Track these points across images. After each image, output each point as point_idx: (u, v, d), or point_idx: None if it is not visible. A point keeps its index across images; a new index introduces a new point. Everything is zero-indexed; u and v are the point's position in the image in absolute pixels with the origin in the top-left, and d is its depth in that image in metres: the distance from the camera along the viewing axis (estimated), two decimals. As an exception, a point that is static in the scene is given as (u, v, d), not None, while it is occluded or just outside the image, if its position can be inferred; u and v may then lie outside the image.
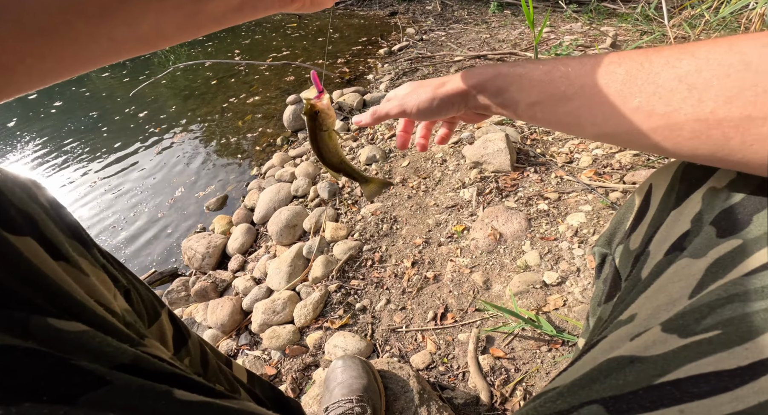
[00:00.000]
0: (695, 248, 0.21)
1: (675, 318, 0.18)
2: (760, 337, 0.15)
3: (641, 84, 0.22)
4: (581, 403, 0.18)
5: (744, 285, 0.17)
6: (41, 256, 0.23)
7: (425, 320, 0.76)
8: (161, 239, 1.39)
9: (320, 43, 3.39)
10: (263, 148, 1.77)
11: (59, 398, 0.18)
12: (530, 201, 1.01)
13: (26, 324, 0.19)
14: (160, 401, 0.21)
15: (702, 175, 0.25)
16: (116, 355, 0.22)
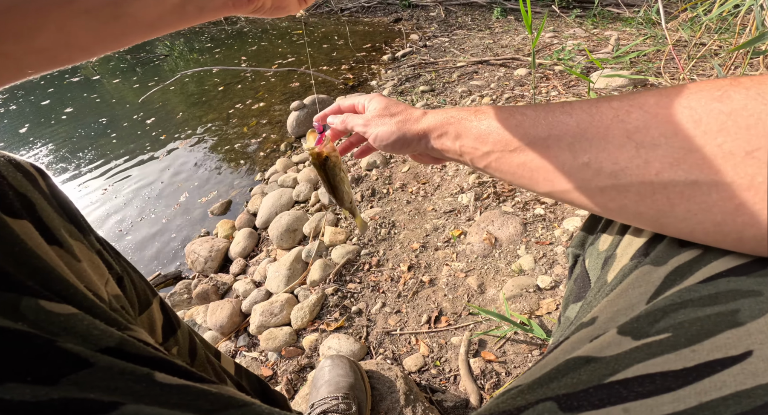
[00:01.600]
0: (657, 255, 0.22)
1: (631, 321, 0.19)
2: (707, 340, 0.16)
3: (591, 138, 0.21)
4: (537, 400, 0.19)
5: (698, 292, 0.18)
6: (36, 239, 0.24)
7: (419, 324, 0.78)
8: (166, 243, 1.45)
9: (325, 49, 3.49)
10: (267, 154, 1.83)
11: (42, 379, 0.19)
12: (527, 206, 1.03)
13: (17, 305, 0.20)
14: (140, 383, 0.21)
15: None
16: (102, 338, 0.22)
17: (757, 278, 0.17)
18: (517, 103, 1.59)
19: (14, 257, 0.22)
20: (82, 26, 0.18)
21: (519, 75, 1.91)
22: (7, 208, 0.23)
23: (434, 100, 1.82)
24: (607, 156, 0.21)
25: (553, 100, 1.55)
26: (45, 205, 0.27)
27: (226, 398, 0.24)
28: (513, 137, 0.25)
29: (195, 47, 5.41)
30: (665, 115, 0.19)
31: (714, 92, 0.18)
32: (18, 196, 0.25)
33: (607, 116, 0.21)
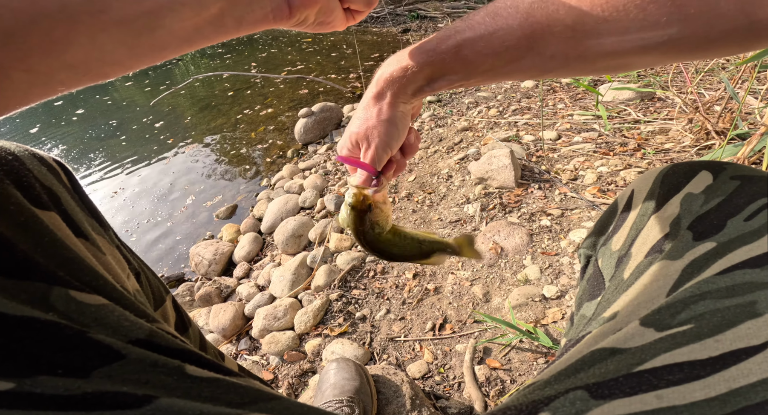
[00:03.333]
0: (673, 250, 0.24)
1: (652, 314, 0.21)
2: (730, 330, 0.17)
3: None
4: (567, 389, 0.20)
5: (716, 283, 0.20)
6: (64, 230, 0.24)
7: (424, 331, 0.80)
8: (171, 245, 1.48)
9: (334, 57, 3.59)
10: (273, 160, 1.88)
11: (74, 371, 0.18)
12: (533, 217, 1.05)
13: (47, 295, 0.20)
14: (171, 375, 0.21)
15: (680, 180, 0.28)
16: (132, 329, 0.22)
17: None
18: (524, 115, 1.63)
19: (43, 247, 0.22)
20: (115, 39, 0.17)
21: (526, 87, 1.97)
22: (35, 200, 0.24)
23: (441, 111, 1.87)
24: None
25: (560, 112, 1.59)
26: (68, 198, 0.27)
27: (255, 392, 0.24)
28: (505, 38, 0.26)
29: (206, 52, 5.59)
30: None
31: None
32: (44, 189, 0.25)
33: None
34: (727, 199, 0.24)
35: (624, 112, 1.48)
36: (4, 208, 0.22)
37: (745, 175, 0.25)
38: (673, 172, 0.29)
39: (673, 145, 1.21)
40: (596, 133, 1.38)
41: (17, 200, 0.22)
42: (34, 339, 0.18)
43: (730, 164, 0.27)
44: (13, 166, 0.25)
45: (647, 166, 1.14)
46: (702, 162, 0.28)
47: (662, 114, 1.41)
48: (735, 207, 0.23)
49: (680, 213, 0.26)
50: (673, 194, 0.27)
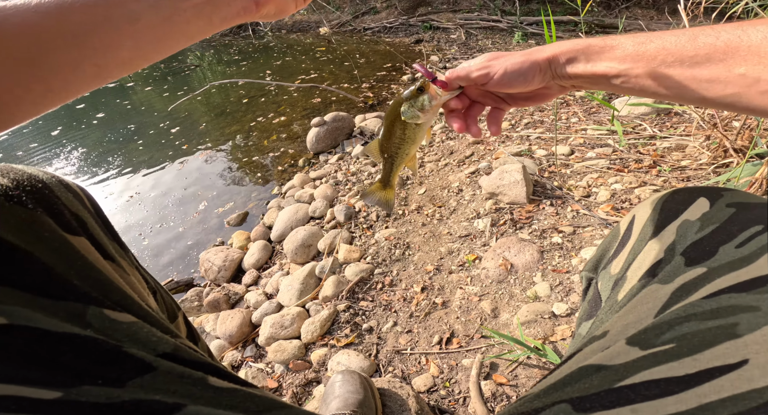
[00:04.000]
0: (665, 274, 0.26)
1: (638, 333, 0.23)
2: (708, 350, 0.19)
3: (744, 54, 0.25)
4: (553, 402, 0.22)
5: (701, 306, 0.21)
6: (94, 254, 0.27)
7: (430, 344, 0.81)
8: (181, 250, 1.53)
9: (346, 67, 3.69)
10: (285, 169, 1.94)
11: (111, 381, 0.21)
12: (544, 234, 1.06)
13: (84, 314, 0.23)
14: (196, 386, 0.24)
15: (678, 208, 0.30)
16: (160, 344, 0.25)
17: (756, 295, 0.20)
18: (536, 129, 1.65)
19: (77, 270, 0.25)
20: (148, 39, 0.25)
21: (540, 101, 1.99)
22: (66, 226, 0.26)
23: (453, 123, 1.91)
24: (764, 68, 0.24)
25: (573, 126, 1.61)
26: (93, 223, 0.30)
27: (269, 401, 0.27)
28: (656, 58, 0.29)
29: (223, 59, 5.81)
30: None
31: None
32: (72, 215, 0.28)
33: (756, 36, 0.25)
34: (721, 227, 0.26)
35: (639, 127, 1.49)
36: (39, 235, 0.24)
37: (741, 202, 0.27)
38: (672, 199, 0.31)
39: (689, 162, 1.21)
40: (610, 148, 1.39)
41: (51, 227, 0.25)
42: (75, 353, 0.21)
43: (728, 191, 0.29)
44: (44, 194, 0.27)
45: (663, 184, 1.15)
46: (700, 188, 0.30)
47: (679, 130, 1.41)
48: (728, 234, 0.25)
49: (675, 239, 0.28)
50: (671, 221, 0.29)
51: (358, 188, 1.55)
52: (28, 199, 0.25)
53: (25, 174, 0.27)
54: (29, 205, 0.25)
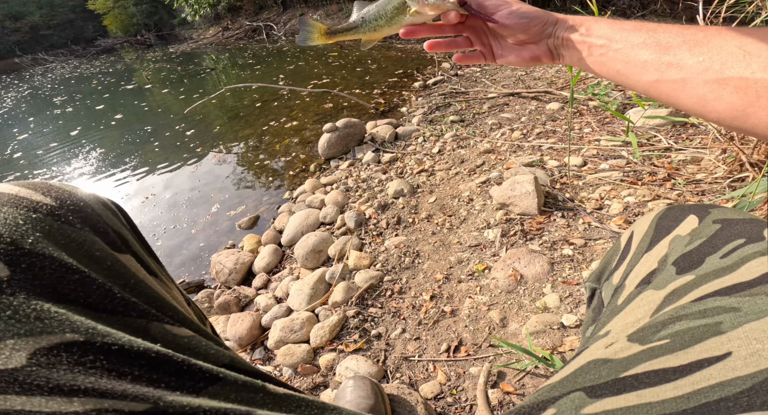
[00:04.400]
0: (658, 281, 0.30)
1: (637, 332, 0.26)
2: (698, 344, 0.22)
3: (710, 46, 0.29)
4: (569, 391, 0.25)
5: (690, 308, 0.25)
6: (141, 271, 0.28)
7: (438, 352, 0.83)
8: (194, 251, 1.59)
9: (358, 73, 3.76)
10: (296, 173, 1.99)
11: (188, 391, 0.23)
12: (555, 245, 1.08)
13: (148, 330, 0.24)
14: (258, 393, 0.26)
15: (670, 224, 0.33)
16: (218, 356, 0.27)
17: (738, 297, 0.24)
18: (549, 139, 1.67)
19: (131, 287, 0.26)
20: None
21: (551, 109, 2.00)
22: (113, 244, 0.27)
23: (464, 132, 1.93)
24: (719, 58, 0.28)
25: (586, 137, 1.62)
26: (133, 240, 0.31)
27: (320, 404, 0.29)
28: (641, 39, 0.32)
29: (238, 63, 5.99)
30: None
31: None
32: (115, 233, 0.28)
33: (729, 35, 0.28)
34: (707, 241, 0.29)
35: (654, 138, 1.49)
36: (92, 254, 0.25)
37: (726, 218, 0.31)
38: (666, 216, 0.35)
39: (705, 175, 1.21)
40: (624, 160, 1.40)
41: (100, 246, 0.26)
42: (150, 366, 0.22)
43: (715, 208, 0.32)
44: (87, 213, 0.27)
45: (677, 198, 1.15)
46: (691, 206, 0.34)
47: (695, 142, 1.41)
48: (713, 247, 0.29)
49: (668, 252, 0.31)
50: (664, 236, 0.33)
51: (368, 195, 1.58)
52: (75, 219, 0.26)
53: (66, 192, 0.28)
54: (77, 225, 0.26)
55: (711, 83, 0.28)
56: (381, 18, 0.44)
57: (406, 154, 1.85)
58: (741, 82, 0.27)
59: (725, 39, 0.28)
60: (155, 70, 6.53)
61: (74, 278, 0.23)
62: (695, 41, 0.29)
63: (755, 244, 0.27)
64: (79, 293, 0.23)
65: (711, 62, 0.28)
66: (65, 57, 14.70)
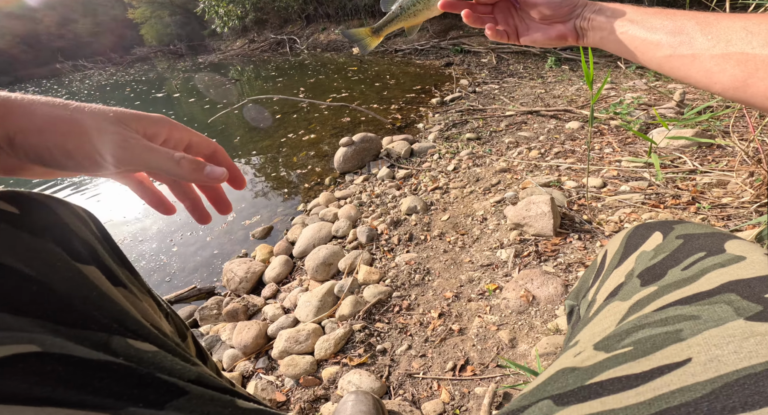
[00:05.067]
0: (624, 293, 0.32)
1: (602, 340, 0.28)
2: (659, 351, 0.24)
3: (718, 27, 0.34)
4: (537, 400, 0.27)
5: (653, 317, 0.26)
6: (105, 283, 0.28)
7: (443, 370, 0.84)
8: (207, 258, 1.66)
9: (377, 87, 3.89)
10: (311, 186, 2.06)
11: (152, 404, 0.23)
12: (570, 268, 1.08)
13: (108, 344, 0.24)
14: (227, 408, 0.26)
15: (638, 241, 0.36)
16: (184, 372, 0.27)
17: (697, 306, 0.25)
18: (567, 159, 1.68)
19: (92, 300, 0.25)
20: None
21: (570, 128, 2.01)
22: (77, 255, 0.27)
23: (480, 149, 1.97)
24: (725, 36, 0.33)
25: (607, 157, 1.62)
26: (101, 249, 0.30)
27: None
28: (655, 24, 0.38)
29: (261, 74, 6.32)
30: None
31: None
32: (81, 242, 0.28)
33: (731, 18, 0.34)
34: (670, 255, 0.32)
35: (679, 160, 1.48)
36: (52, 264, 0.25)
37: (689, 233, 0.33)
38: (635, 234, 0.37)
39: (731, 199, 1.19)
40: (646, 182, 1.39)
41: (62, 256, 0.26)
42: (113, 378, 0.22)
43: (679, 224, 0.35)
44: (51, 222, 0.27)
45: (701, 222, 1.14)
46: (656, 223, 0.37)
47: (721, 164, 1.39)
48: (676, 260, 0.31)
49: (634, 267, 0.34)
50: (632, 252, 0.36)
51: (381, 211, 1.62)
52: (36, 228, 0.26)
53: (32, 201, 0.27)
54: (38, 234, 0.25)
55: (717, 58, 0.33)
56: (419, 2, 0.47)
57: (420, 170, 1.90)
58: (742, 57, 0.31)
59: (732, 20, 0.33)
60: (184, 79, 6.96)
61: (32, 289, 0.23)
62: (706, 22, 0.34)
63: (715, 256, 0.29)
64: (37, 304, 0.22)
65: (718, 40, 0.33)
66: (103, 64, 15.88)
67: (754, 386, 0.20)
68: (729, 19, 0.34)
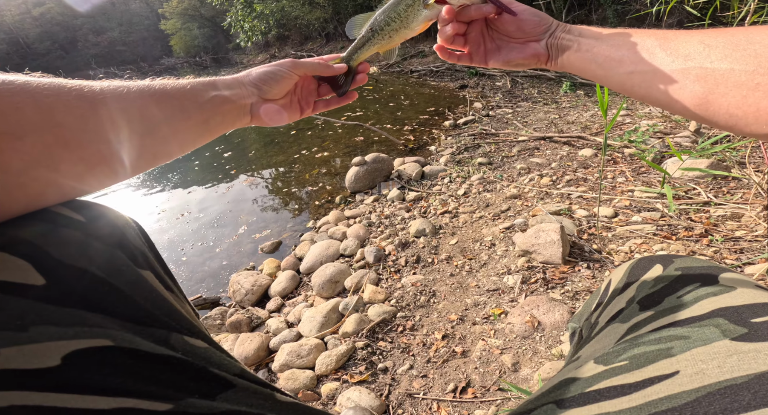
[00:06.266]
0: (624, 316, 0.37)
1: (602, 355, 0.33)
2: (651, 365, 0.28)
3: (672, 40, 0.35)
4: (542, 404, 0.31)
5: (648, 337, 0.31)
6: (160, 286, 0.31)
7: (444, 391, 0.87)
8: (215, 269, 1.73)
9: (391, 108, 4.04)
10: (322, 204, 2.15)
11: (205, 395, 0.26)
12: (577, 295, 1.11)
13: (168, 339, 0.28)
14: (268, 400, 0.30)
15: (640, 272, 0.41)
16: (230, 367, 0.30)
17: (688, 328, 0.30)
18: (579, 187, 1.73)
19: (152, 300, 0.29)
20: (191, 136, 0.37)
21: (583, 156, 2.06)
22: (135, 260, 0.30)
23: (491, 175, 2.03)
24: (684, 51, 0.34)
25: (619, 187, 1.66)
26: (151, 257, 0.34)
27: (322, 412, 0.34)
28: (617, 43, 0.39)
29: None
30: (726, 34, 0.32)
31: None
32: (137, 249, 0.32)
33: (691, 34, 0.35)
34: (668, 284, 0.37)
35: (693, 191, 1.50)
36: (119, 268, 0.28)
37: (687, 266, 0.38)
38: (637, 266, 0.42)
39: (744, 233, 1.21)
40: (659, 213, 1.42)
41: (126, 262, 0.29)
42: (173, 371, 0.26)
43: (679, 258, 0.40)
44: (113, 230, 0.31)
45: (713, 255, 1.16)
46: (658, 257, 0.42)
47: (736, 196, 1.41)
48: (672, 289, 0.36)
49: (635, 294, 0.39)
50: (634, 282, 0.41)
51: (390, 232, 1.68)
52: (102, 235, 0.29)
53: (94, 209, 0.31)
54: (104, 241, 0.29)
55: (676, 73, 0.34)
56: (394, 21, 0.44)
57: (431, 193, 1.96)
58: (701, 71, 0.32)
59: (691, 35, 0.35)
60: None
61: (104, 289, 0.26)
62: (665, 38, 0.36)
63: (709, 287, 0.33)
64: (108, 302, 0.26)
65: (677, 55, 0.34)
66: (133, 72, 16.94)
67: (734, 395, 0.23)
68: (687, 34, 0.35)
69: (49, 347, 0.22)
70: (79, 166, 0.28)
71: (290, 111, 0.49)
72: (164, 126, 0.34)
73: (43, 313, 0.22)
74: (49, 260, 0.24)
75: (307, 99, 0.52)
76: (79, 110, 0.28)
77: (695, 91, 0.33)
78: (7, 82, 0.25)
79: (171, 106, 0.35)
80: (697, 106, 0.33)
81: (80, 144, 0.28)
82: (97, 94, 0.29)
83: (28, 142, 0.25)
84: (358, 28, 0.46)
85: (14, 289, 0.22)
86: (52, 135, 0.26)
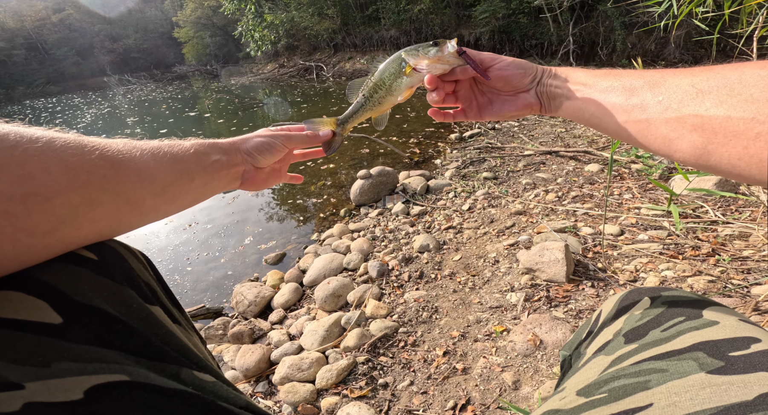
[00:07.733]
0: (609, 349, 0.40)
1: (584, 388, 0.35)
2: (629, 397, 0.30)
3: (666, 86, 0.34)
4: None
5: (628, 370, 0.33)
6: (167, 321, 0.33)
7: (444, 408, 0.89)
8: (219, 279, 1.78)
9: (397, 120, 4.12)
10: (326, 216, 2.20)
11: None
12: (581, 314, 1.13)
13: (178, 374, 0.29)
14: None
15: (629, 304, 0.44)
16: (237, 400, 0.32)
17: (667, 361, 0.31)
18: (584, 204, 1.75)
19: (161, 336, 0.30)
20: (191, 197, 0.40)
21: (590, 171, 2.09)
22: (145, 297, 0.32)
23: (496, 190, 2.06)
24: (675, 97, 0.33)
25: (626, 204, 1.69)
26: (159, 290, 0.35)
27: None
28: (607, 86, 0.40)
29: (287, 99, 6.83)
30: (722, 73, 0.31)
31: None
32: (145, 285, 0.33)
33: (680, 74, 0.34)
34: (654, 318, 0.39)
35: (701, 209, 1.52)
36: (130, 306, 0.30)
37: (673, 300, 0.41)
38: (627, 298, 0.45)
39: (752, 252, 1.22)
40: (665, 231, 1.44)
41: (136, 299, 0.31)
42: (185, 405, 0.27)
43: (667, 291, 0.43)
44: (123, 266, 0.32)
45: (720, 275, 1.17)
46: (647, 289, 0.44)
47: (744, 215, 1.42)
48: (657, 322, 0.38)
49: (622, 327, 0.42)
50: (622, 314, 0.43)
51: (393, 246, 1.72)
52: (114, 273, 0.31)
53: (103, 246, 0.32)
54: (116, 279, 0.30)
55: (671, 122, 0.33)
56: (381, 88, 0.47)
57: (435, 208, 2.00)
58: (697, 120, 0.31)
59: (679, 77, 0.33)
60: (216, 100, 7.63)
61: (118, 327, 0.28)
62: (654, 82, 0.35)
63: (692, 320, 0.35)
64: (122, 339, 0.27)
65: (669, 101, 0.33)
66: (146, 79, 17.51)
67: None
68: (675, 76, 0.34)
69: (72, 382, 0.23)
70: (100, 224, 0.30)
71: (274, 176, 0.55)
72: (172, 187, 0.37)
73: (62, 350, 0.24)
74: (65, 300, 0.26)
75: (286, 162, 0.58)
76: (102, 170, 0.30)
77: (694, 142, 0.32)
78: (33, 140, 0.26)
79: (179, 169, 0.38)
80: (699, 157, 0.32)
81: (102, 204, 0.30)
82: (116, 154, 0.32)
83: (57, 203, 0.26)
84: (355, 92, 0.50)
85: (34, 327, 0.24)
86: (78, 195, 0.27)
